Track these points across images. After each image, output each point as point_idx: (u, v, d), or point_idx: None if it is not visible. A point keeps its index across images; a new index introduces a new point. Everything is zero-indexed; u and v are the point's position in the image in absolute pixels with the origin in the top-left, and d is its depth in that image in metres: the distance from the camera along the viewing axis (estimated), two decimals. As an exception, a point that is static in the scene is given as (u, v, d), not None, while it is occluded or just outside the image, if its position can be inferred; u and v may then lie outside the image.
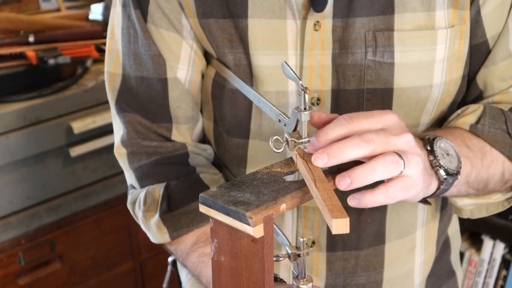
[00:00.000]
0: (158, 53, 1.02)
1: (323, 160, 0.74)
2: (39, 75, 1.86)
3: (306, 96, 0.73)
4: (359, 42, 0.96)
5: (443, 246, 1.19)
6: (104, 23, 2.18)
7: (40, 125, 1.78)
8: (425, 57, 0.97)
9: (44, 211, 1.86)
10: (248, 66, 0.99)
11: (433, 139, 0.86)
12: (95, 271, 2.02)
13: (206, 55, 1.05)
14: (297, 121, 0.75)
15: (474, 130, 0.98)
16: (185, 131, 1.07)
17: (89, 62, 1.99)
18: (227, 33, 0.99)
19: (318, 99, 0.99)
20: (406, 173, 0.76)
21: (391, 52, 0.96)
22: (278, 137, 0.76)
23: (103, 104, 1.88)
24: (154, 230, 1.03)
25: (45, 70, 1.86)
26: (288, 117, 0.77)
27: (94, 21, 2.25)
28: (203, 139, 1.13)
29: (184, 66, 1.03)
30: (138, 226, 1.09)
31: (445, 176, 0.85)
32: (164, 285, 1.27)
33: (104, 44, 1.73)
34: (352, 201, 0.75)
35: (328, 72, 0.98)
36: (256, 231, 0.68)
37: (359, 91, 0.98)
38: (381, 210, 1.06)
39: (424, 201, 0.91)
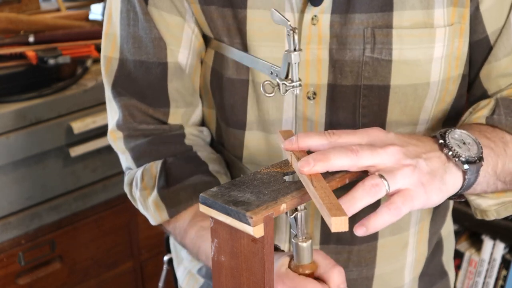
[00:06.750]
0: (159, 37, 1.01)
1: (309, 166, 0.74)
2: (39, 75, 1.86)
3: (295, 36, 0.73)
4: (357, 38, 0.96)
5: (436, 247, 1.18)
6: (104, 23, 2.18)
7: (40, 125, 1.78)
8: (423, 55, 0.97)
9: (44, 211, 1.86)
10: None
11: (445, 132, 0.83)
12: (95, 271, 2.02)
13: (205, 38, 1.04)
14: (288, 65, 0.75)
15: (490, 121, 0.94)
16: (182, 116, 1.06)
17: (89, 62, 1.99)
18: (226, 23, 0.99)
19: (314, 93, 0.99)
20: (400, 187, 0.75)
21: (389, 49, 0.96)
22: (269, 82, 0.75)
23: (103, 104, 1.86)
24: (152, 209, 1.02)
25: (45, 70, 1.86)
26: (279, 67, 0.77)
27: (94, 21, 2.25)
28: (201, 126, 1.12)
29: (185, 50, 1.03)
30: (138, 225, 1.08)
31: (467, 166, 0.80)
32: (160, 283, 1.26)
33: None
34: (360, 231, 0.74)
35: (324, 66, 0.98)
36: (256, 231, 0.68)
37: (356, 87, 0.98)
38: (375, 206, 1.05)
39: (457, 197, 0.86)
